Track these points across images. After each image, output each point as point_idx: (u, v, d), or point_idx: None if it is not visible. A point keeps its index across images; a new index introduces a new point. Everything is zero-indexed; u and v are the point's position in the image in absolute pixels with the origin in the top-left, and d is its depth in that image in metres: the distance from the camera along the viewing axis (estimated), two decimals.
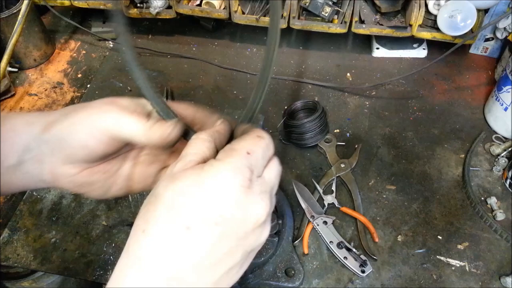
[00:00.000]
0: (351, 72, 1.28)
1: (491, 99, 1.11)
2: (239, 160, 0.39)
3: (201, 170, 0.39)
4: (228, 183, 0.38)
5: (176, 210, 0.38)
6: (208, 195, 0.38)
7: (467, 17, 1.09)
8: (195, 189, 0.38)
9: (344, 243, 0.90)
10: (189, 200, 0.38)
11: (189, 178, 0.38)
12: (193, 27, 1.42)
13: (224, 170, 0.38)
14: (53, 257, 0.92)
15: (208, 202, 0.38)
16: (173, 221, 0.37)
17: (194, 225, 0.37)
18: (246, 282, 0.84)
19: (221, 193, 0.38)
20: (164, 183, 0.39)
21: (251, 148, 0.41)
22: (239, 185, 0.38)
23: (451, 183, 1.02)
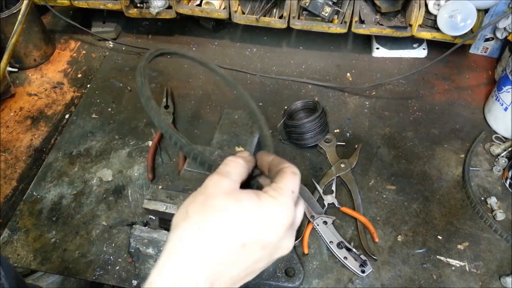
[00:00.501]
0: (351, 72, 1.28)
1: (491, 99, 1.11)
2: (288, 199, 0.46)
3: (260, 199, 0.45)
4: (283, 218, 0.45)
5: (236, 225, 0.43)
6: (268, 222, 0.44)
7: (467, 17, 1.09)
8: (256, 213, 0.44)
9: (344, 243, 0.90)
10: (250, 220, 0.44)
11: (252, 201, 0.44)
12: (193, 27, 1.42)
13: (280, 206, 0.45)
14: (53, 257, 0.92)
15: (264, 228, 0.44)
16: (232, 234, 0.43)
17: (248, 244, 0.44)
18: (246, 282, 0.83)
19: (276, 225, 0.45)
20: (222, 197, 0.44)
21: (293, 187, 0.48)
22: (287, 222, 0.45)
23: (451, 183, 1.02)
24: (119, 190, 1.02)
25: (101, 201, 1.00)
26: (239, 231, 0.43)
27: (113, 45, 1.38)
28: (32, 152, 1.11)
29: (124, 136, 1.13)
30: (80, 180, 1.04)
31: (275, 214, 0.45)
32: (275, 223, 0.45)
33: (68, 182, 1.04)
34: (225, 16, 1.24)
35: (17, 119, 1.19)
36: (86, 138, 1.13)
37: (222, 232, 0.43)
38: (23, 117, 1.19)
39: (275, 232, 0.45)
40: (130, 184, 1.03)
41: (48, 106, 1.22)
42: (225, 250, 0.43)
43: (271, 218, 0.44)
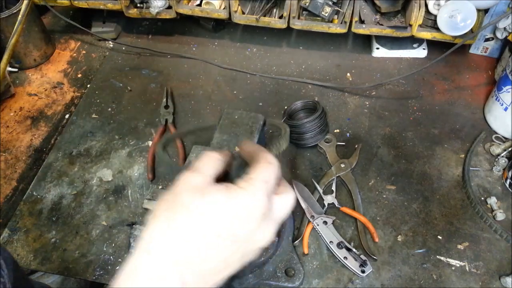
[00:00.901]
0: (351, 72, 1.28)
1: (491, 99, 1.11)
2: (259, 189, 0.45)
3: (230, 191, 0.44)
4: (254, 209, 0.44)
5: (205, 220, 0.42)
6: (237, 214, 0.43)
7: (467, 17, 1.09)
8: (225, 206, 0.43)
9: (344, 243, 0.90)
10: (221, 213, 0.43)
11: (221, 194, 0.43)
12: (193, 27, 1.42)
13: (248, 197, 0.44)
14: (53, 257, 0.92)
15: (234, 221, 0.43)
16: (201, 229, 0.42)
17: (219, 238, 0.42)
18: (246, 282, 0.84)
19: (248, 216, 0.44)
20: (190, 194, 0.43)
21: (266, 176, 0.46)
22: (259, 212, 0.44)
23: (451, 183, 1.02)
24: (119, 190, 1.02)
25: (101, 201, 1.00)
26: (208, 226, 0.42)
27: (113, 45, 1.38)
28: (32, 152, 1.11)
29: (124, 136, 1.13)
30: (80, 180, 1.04)
31: (245, 205, 0.43)
32: (245, 215, 0.43)
33: (68, 182, 1.04)
34: (225, 16, 1.24)
35: (17, 119, 1.19)
36: (86, 138, 1.13)
37: (190, 228, 0.42)
38: (23, 117, 1.19)
39: (245, 223, 0.44)
40: (130, 184, 1.03)
41: (48, 106, 1.22)
42: (195, 246, 0.42)
43: (240, 209, 0.43)
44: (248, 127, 0.89)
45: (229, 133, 0.88)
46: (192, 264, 0.42)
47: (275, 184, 0.47)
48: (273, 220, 0.47)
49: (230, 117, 0.91)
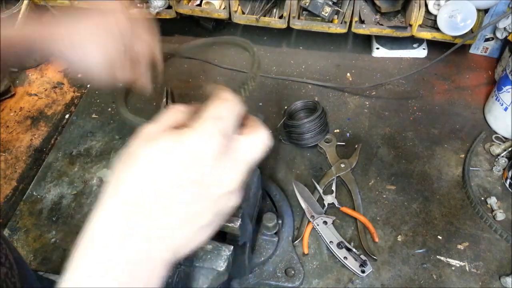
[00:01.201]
0: (351, 72, 1.28)
1: (491, 99, 1.11)
2: (209, 125, 0.40)
3: (179, 134, 0.40)
4: (206, 147, 0.39)
5: (158, 166, 0.38)
6: (187, 156, 0.39)
7: (467, 17, 1.09)
8: (176, 150, 0.39)
9: (344, 243, 0.90)
10: (170, 158, 0.39)
11: (166, 141, 0.39)
12: (193, 27, 1.42)
13: (199, 135, 0.39)
14: (53, 257, 0.92)
15: (187, 163, 0.39)
16: (152, 178, 0.38)
17: (173, 185, 0.38)
18: (246, 282, 0.84)
19: (199, 156, 0.39)
20: (139, 143, 0.40)
21: (218, 112, 0.42)
22: (216, 150, 0.39)
23: (451, 183, 1.02)
24: None
25: None
26: (159, 174, 0.38)
27: None
28: (32, 152, 1.12)
29: (124, 136, 1.13)
30: (80, 180, 1.04)
31: (194, 145, 0.39)
32: (197, 155, 0.39)
33: (68, 182, 1.04)
34: (225, 16, 1.24)
35: (17, 119, 1.19)
36: (86, 138, 1.13)
37: (140, 180, 0.38)
38: (23, 117, 1.19)
39: (198, 165, 0.39)
40: None
41: (48, 106, 1.22)
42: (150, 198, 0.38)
43: (190, 150, 0.39)
44: None
45: None
46: (152, 219, 0.38)
47: (232, 122, 0.42)
48: (239, 161, 0.42)
49: None
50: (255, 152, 0.43)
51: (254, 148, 0.43)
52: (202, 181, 0.39)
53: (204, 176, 0.39)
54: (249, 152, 0.43)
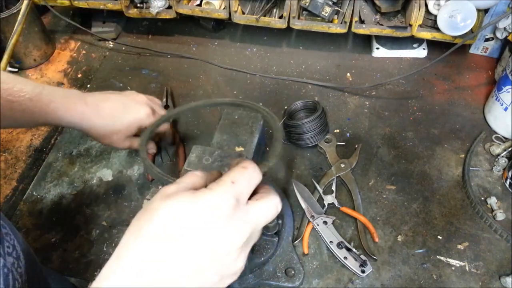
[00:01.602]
0: (351, 72, 1.28)
1: (491, 99, 1.11)
2: (224, 188, 0.44)
3: (193, 194, 0.44)
4: (218, 206, 0.43)
5: (175, 220, 0.42)
6: (199, 214, 0.43)
7: (467, 17, 1.09)
8: (189, 210, 0.43)
9: (344, 243, 0.90)
10: (186, 213, 0.43)
11: (183, 199, 0.43)
12: (193, 27, 1.42)
13: (211, 196, 0.44)
14: (53, 257, 0.92)
15: (199, 220, 0.42)
16: (166, 233, 0.42)
17: (185, 242, 0.42)
18: (246, 282, 0.84)
19: (212, 213, 0.43)
20: (159, 201, 0.44)
21: (235, 177, 0.46)
22: (225, 211, 0.43)
23: (451, 183, 1.02)
24: (119, 190, 1.02)
25: (101, 201, 1.00)
26: (171, 228, 0.42)
27: (113, 45, 1.39)
28: (32, 152, 1.12)
29: None
30: (80, 180, 1.04)
31: (208, 204, 0.43)
32: (209, 214, 0.43)
33: (68, 182, 1.04)
34: (225, 16, 1.24)
35: None
36: (86, 138, 1.13)
37: (155, 235, 0.42)
38: None
39: (209, 223, 0.42)
40: (130, 184, 1.03)
41: None
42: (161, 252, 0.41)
43: (203, 209, 0.43)
44: (248, 127, 0.89)
45: (229, 133, 0.88)
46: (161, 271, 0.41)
47: (248, 188, 0.47)
48: (247, 223, 0.45)
49: (230, 117, 0.92)
50: (265, 216, 0.47)
51: (264, 213, 0.47)
52: (210, 238, 0.43)
53: (213, 234, 0.43)
54: (259, 216, 0.47)
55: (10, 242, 0.58)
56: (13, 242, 0.59)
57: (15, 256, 0.58)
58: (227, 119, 0.91)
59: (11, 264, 0.56)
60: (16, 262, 0.58)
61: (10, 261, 0.56)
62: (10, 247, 0.58)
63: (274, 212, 0.48)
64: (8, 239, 0.58)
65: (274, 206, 0.48)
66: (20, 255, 0.60)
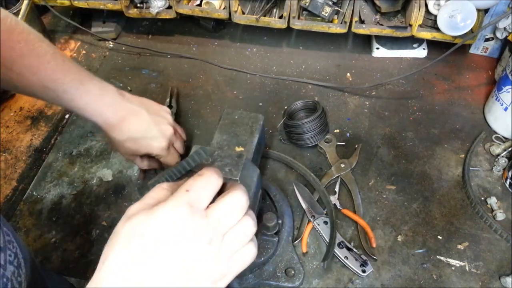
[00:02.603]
0: (351, 72, 1.28)
1: (491, 99, 1.11)
2: (179, 197, 0.46)
3: (151, 210, 0.45)
4: (169, 217, 0.44)
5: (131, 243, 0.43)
6: (155, 229, 0.44)
7: (467, 17, 1.09)
8: (146, 227, 0.44)
9: (344, 243, 0.90)
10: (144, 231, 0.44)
11: (140, 217, 0.45)
12: (193, 27, 1.42)
13: (165, 208, 0.45)
14: (53, 257, 0.92)
15: (157, 235, 0.43)
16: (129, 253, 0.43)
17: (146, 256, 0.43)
18: (246, 282, 0.84)
19: (164, 227, 0.44)
20: (121, 223, 0.46)
21: (189, 186, 0.47)
22: (178, 218, 0.44)
23: (451, 183, 1.02)
24: (119, 190, 1.02)
25: (101, 201, 1.00)
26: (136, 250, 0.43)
27: (113, 45, 1.39)
28: (32, 152, 1.11)
29: None
30: (80, 180, 1.04)
31: (162, 217, 0.44)
32: (165, 226, 0.44)
33: (68, 182, 1.04)
34: (225, 16, 1.24)
35: (17, 119, 1.19)
36: (86, 138, 1.13)
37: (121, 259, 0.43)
38: (23, 117, 1.19)
39: (167, 235, 0.44)
40: (130, 184, 1.03)
41: (48, 106, 1.22)
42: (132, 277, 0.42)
43: (159, 223, 0.44)
44: (248, 127, 0.89)
45: (229, 133, 0.88)
46: None
47: (205, 194, 0.48)
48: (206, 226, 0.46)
49: (230, 117, 0.92)
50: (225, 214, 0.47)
51: (223, 211, 0.47)
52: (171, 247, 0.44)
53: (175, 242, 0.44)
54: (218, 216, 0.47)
55: (12, 250, 0.58)
56: (15, 250, 0.59)
57: (16, 264, 0.58)
58: (227, 119, 0.91)
59: (11, 273, 0.55)
60: (17, 270, 0.57)
61: (11, 269, 0.55)
62: (12, 255, 0.57)
63: (235, 205, 0.48)
64: (10, 247, 0.57)
65: (234, 200, 0.48)
66: (21, 263, 0.60)
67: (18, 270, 0.58)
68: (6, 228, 0.58)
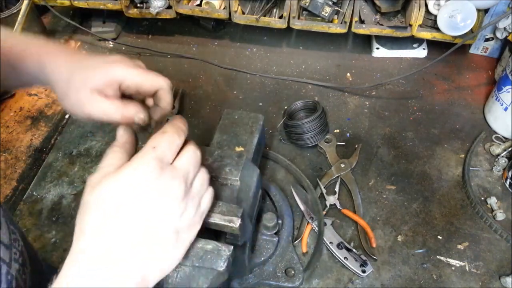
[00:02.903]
0: (351, 72, 1.28)
1: (491, 99, 1.11)
2: (146, 155, 0.47)
3: (116, 174, 0.46)
4: (140, 174, 0.45)
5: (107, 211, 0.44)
6: (126, 189, 0.45)
7: (467, 17, 1.09)
8: (118, 190, 0.45)
9: (344, 243, 0.90)
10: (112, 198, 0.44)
11: (108, 183, 0.45)
12: (193, 27, 1.42)
13: (135, 166, 0.46)
14: (53, 257, 0.91)
15: (128, 194, 0.45)
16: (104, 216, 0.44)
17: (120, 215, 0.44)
18: (246, 282, 0.84)
19: (136, 184, 0.45)
20: (87, 194, 0.46)
21: (155, 143, 0.48)
22: (149, 173, 0.45)
23: (451, 183, 1.02)
24: None
25: None
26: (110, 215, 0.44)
27: (113, 45, 1.38)
28: (32, 152, 1.11)
29: None
30: (80, 180, 1.04)
31: (133, 176, 0.45)
32: (135, 182, 0.45)
33: (68, 182, 1.04)
34: (225, 16, 1.24)
35: (17, 119, 1.19)
36: (86, 138, 1.13)
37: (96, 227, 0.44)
38: (23, 117, 1.19)
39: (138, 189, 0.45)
40: None
41: (48, 106, 1.22)
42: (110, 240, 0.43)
43: (131, 182, 0.45)
44: (248, 127, 0.89)
45: (229, 133, 0.88)
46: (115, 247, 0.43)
47: (170, 150, 0.49)
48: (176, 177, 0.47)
49: (230, 117, 0.92)
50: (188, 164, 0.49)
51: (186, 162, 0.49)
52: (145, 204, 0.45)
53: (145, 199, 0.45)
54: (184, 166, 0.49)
55: (18, 248, 0.58)
56: (21, 248, 0.59)
57: (21, 262, 0.58)
58: (227, 119, 0.91)
59: (16, 271, 0.55)
60: (22, 268, 0.57)
61: (16, 267, 0.55)
62: (17, 253, 0.57)
63: (195, 158, 0.51)
64: (16, 245, 0.57)
65: (194, 153, 0.51)
66: (26, 261, 0.59)
67: (23, 268, 0.58)
68: (13, 226, 0.58)
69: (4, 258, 0.52)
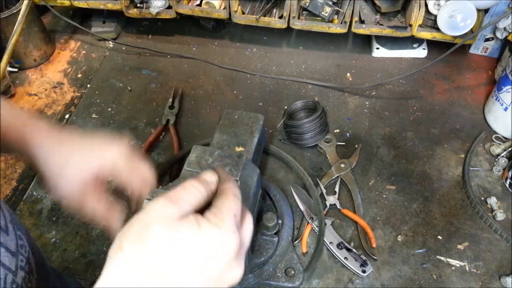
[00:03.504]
0: (351, 72, 1.28)
1: (491, 99, 1.11)
2: (231, 225, 0.43)
3: (200, 228, 0.41)
4: (225, 248, 0.42)
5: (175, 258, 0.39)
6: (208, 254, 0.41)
7: (467, 17, 1.09)
8: (196, 245, 0.40)
9: (344, 243, 0.90)
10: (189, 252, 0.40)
11: (190, 231, 0.41)
12: (193, 27, 1.42)
13: (221, 235, 0.42)
14: (53, 257, 0.91)
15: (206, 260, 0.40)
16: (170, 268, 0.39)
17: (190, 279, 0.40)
18: (246, 282, 0.84)
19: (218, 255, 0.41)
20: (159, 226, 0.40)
21: (235, 209, 0.45)
22: (232, 250, 0.42)
23: (451, 183, 1.02)
24: (119, 190, 1.02)
25: None
26: (177, 265, 0.39)
27: (113, 45, 1.38)
28: None
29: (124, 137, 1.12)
30: None
31: (218, 243, 0.41)
32: (219, 254, 0.41)
33: None
34: (225, 16, 1.24)
35: None
36: None
37: (158, 266, 0.39)
38: None
39: (219, 263, 0.41)
40: None
41: (48, 106, 1.22)
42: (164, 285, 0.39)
43: (213, 248, 0.41)
44: (248, 127, 0.89)
45: (229, 133, 0.88)
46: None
47: (236, 215, 0.45)
48: (242, 255, 0.45)
49: (230, 117, 0.92)
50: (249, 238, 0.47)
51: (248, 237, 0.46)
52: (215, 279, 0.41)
53: (218, 275, 0.41)
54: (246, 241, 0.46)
55: (25, 255, 0.55)
56: (27, 254, 0.56)
57: (28, 270, 0.56)
58: (227, 119, 0.91)
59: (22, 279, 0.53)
60: (28, 276, 0.55)
61: (22, 275, 0.53)
62: (24, 261, 0.55)
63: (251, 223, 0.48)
64: (22, 251, 0.55)
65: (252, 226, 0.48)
66: (33, 269, 0.58)
67: (29, 276, 0.56)
68: (20, 232, 0.56)
69: (9, 267, 0.50)
